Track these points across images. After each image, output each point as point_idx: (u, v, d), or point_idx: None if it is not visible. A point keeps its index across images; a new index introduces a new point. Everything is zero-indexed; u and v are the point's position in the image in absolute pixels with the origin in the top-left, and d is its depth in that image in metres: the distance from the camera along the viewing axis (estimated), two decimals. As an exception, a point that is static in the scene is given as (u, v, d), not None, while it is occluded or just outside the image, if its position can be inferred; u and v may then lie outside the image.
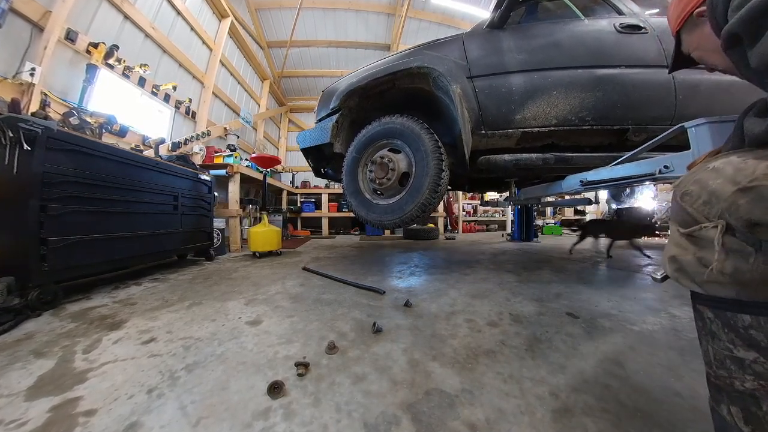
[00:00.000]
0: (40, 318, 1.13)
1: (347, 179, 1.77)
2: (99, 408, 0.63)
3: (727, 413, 0.33)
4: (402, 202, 1.55)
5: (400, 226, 1.60)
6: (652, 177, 1.11)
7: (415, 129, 1.57)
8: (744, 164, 0.31)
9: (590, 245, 3.14)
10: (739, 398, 0.32)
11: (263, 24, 5.73)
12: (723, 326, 0.33)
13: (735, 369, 0.32)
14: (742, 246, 0.30)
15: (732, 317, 0.32)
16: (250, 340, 0.94)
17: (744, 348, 0.31)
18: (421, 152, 1.53)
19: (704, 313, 0.36)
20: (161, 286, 1.60)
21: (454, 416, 0.60)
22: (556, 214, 7.71)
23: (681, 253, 0.36)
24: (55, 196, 1.23)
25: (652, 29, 1.51)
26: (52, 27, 1.96)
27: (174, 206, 2.03)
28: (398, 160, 1.61)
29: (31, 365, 0.79)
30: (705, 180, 0.34)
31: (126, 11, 2.61)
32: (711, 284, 0.33)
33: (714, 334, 0.35)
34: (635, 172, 1.19)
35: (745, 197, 0.29)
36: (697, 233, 0.34)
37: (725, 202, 0.31)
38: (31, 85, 1.81)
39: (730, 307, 0.32)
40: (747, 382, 0.31)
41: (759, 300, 0.30)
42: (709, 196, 0.33)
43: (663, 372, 0.75)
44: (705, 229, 0.33)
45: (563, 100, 1.46)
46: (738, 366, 0.32)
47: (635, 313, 1.15)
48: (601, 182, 1.36)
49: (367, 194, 1.73)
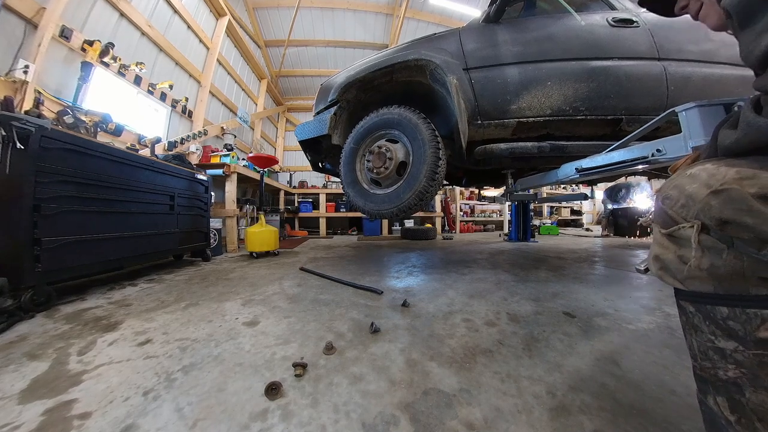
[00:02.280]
0: (33, 320, 1.11)
1: (345, 170, 1.79)
2: (94, 411, 0.62)
3: (713, 403, 0.35)
4: (400, 191, 1.56)
5: (398, 215, 1.60)
6: (646, 160, 1.14)
7: (413, 119, 1.59)
8: (717, 170, 0.34)
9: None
10: (724, 387, 0.34)
11: (261, 23, 5.71)
12: (704, 319, 0.35)
13: (718, 359, 0.34)
14: (716, 243, 0.33)
15: (711, 310, 0.34)
16: (247, 341, 0.93)
17: (724, 338, 0.33)
18: (418, 141, 1.54)
19: (686, 307, 0.38)
20: (157, 287, 1.59)
21: (452, 416, 0.60)
22: (552, 214, 7.77)
23: (663, 252, 0.39)
24: (49, 195, 1.21)
25: (643, 23, 1.55)
26: (46, 24, 1.93)
27: (170, 206, 2.02)
28: (396, 150, 1.63)
29: (25, 368, 0.78)
30: (683, 185, 0.37)
31: (122, 9, 2.59)
32: (691, 280, 0.35)
33: (696, 327, 0.37)
34: (629, 157, 1.21)
35: (717, 199, 0.32)
36: (676, 233, 0.37)
37: (700, 203, 0.34)
38: (25, 83, 1.78)
39: (709, 301, 0.34)
40: (730, 371, 0.33)
41: (733, 292, 0.32)
42: (686, 199, 0.36)
43: (658, 370, 0.76)
44: (683, 229, 0.36)
45: (557, 91, 1.49)
46: (720, 356, 0.34)
47: (631, 312, 1.16)
48: (596, 169, 1.38)
49: (364, 184, 1.74)
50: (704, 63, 1.47)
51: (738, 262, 0.31)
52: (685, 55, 1.48)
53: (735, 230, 0.31)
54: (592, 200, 8.29)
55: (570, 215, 8.01)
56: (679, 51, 1.49)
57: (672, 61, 1.47)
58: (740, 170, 0.32)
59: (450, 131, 1.71)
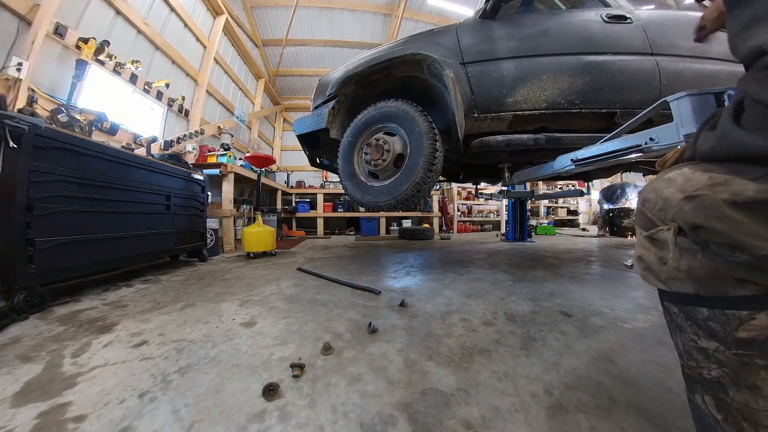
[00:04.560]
0: (26, 321, 1.09)
1: (343, 163, 1.80)
2: (89, 413, 0.61)
3: (701, 402, 0.35)
4: (397, 183, 1.57)
5: (395, 206, 1.61)
6: (639, 149, 1.17)
7: (410, 111, 1.60)
8: (692, 175, 0.35)
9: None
10: (709, 387, 0.34)
11: (258, 22, 5.68)
12: (686, 319, 0.36)
13: (701, 359, 0.34)
14: (692, 245, 0.34)
15: (693, 311, 0.35)
16: (244, 341, 0.93)
17: (706, 338, 0.34)
18: (415, 133, 1.56)
19: (670, 308, 0.39)
20: (153, 288, 1.57)
21: (450, 415, 0.61)
22: (549, 214, 7.82)
23: (645, 253, 0.40)
24: (42, 195, 1.19)
25: (636, 19, 1.58)
26: (40, 21, 1.91)
27: (166, 206, 2.00)
28: (393, 142, 1.65)
29: (18, 370, 0.77)
30: (660, 189, 0.38)
31: (118, 6, 2.56)
32: (672, 281, 0.36)
33: (680, 327, 0.37)
34: (623, 146, 1.24)
35: (690, 204, 0.33)
36: (656, 235, 0.38)
37: (675, 207, 0.35)
38: (18, 81, 1.76)
39: (690, 302, 0.35)
40: (713, 371, 0.33)
41: (712, 293, 0.33)
42: (663, 203, 0.37)
43: (654, 368, 0.77)
44: (661, 232, 0.37)
45: (553, 84, 1.52)
46: (704, 356, 0.34)
47: (626, 311, 1.17)
48: (591, 159, 1.41)
49: (362, 177, 1.75)
50: (696, 58, 1.50)
51: (713, 264, 0.32)
52: (677, 50, 1.51)
53: (707, 234, 0.32)
54: (588, 200, 8.38)
55: (566, 215, 8.07)
56: (671, 46, 1.51)
57: (664, 57, 1.50)
58: (713, 176, 0.33)
59: (447, 125, 1.72)
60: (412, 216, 5.43)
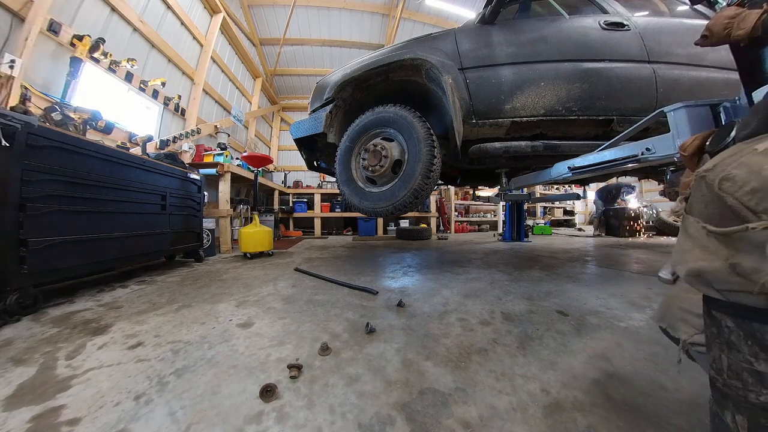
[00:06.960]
0: (19, 323, 1.08)
1: (340, 168, 1.79)
2: (83, 416, 0.60)
3: (731, 420, 0.32)
4: (395, 189, 1.57)
5: (393, 213, 1.61)
6: (636, 159, 1.18)
7: (408, 117, 1.60)
8: None
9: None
10: (750, 410, 0.30)
11: (256, 21, 5.65)
12: (746, 337, 0.29)
13: (753, 382, 0.29)
14: None
15: (759, 329, 0.28)
16: (241, 342, 0.92)
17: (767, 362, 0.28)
18: (413, 139, 1.56)
19: (722, 321, 0.32)
20: (148, 289, 1.56)
21: (448, 414, 0.61)
22: (546, 214, 7.88)
23: (704, 256, 0.30)
24: (35, 195, 1.18)
25: (634, 27, 1.59)
26: (34, 17, 1.88)
27: (162, 206, 1.98)
28: (391, 148, 1.64)
29: (10, 373, 0.76)
30: (757, 163, 0.27)
31: (113, 3, 2.54)
32: (738, 293, 0.29)
33: (732, 344, 0.31)
34: (620, 155, 1.26)
35: None
36: (737, 234, 0.27)
37: None
38: (11, 78, 1.73)
39: (758, 318, 0.28)
40: (763, 396, 0.28)
41: None
42: (762, 184, 0.26)
43: (649, 366, 0.77)
44: (754, 231, 0.26)
45: (551, 91, 1.53)
46: (757, 380, 0.29)
47: (622, 310, 1.18)
48: (588, 167, 1.42)
49: (360, 182, 1.75)
50: (692, 66, 1.52)
51: None
52: (674, 58, 1.53)
53: None
54: (584, 201, 8.46)
55: (563, 215, 8.14)
56: (668, 54, 1.53)
57: (661, 64, 1.52)
58: None
59: (445, 130, 1.72)
60: (409, 216, 5.44)
